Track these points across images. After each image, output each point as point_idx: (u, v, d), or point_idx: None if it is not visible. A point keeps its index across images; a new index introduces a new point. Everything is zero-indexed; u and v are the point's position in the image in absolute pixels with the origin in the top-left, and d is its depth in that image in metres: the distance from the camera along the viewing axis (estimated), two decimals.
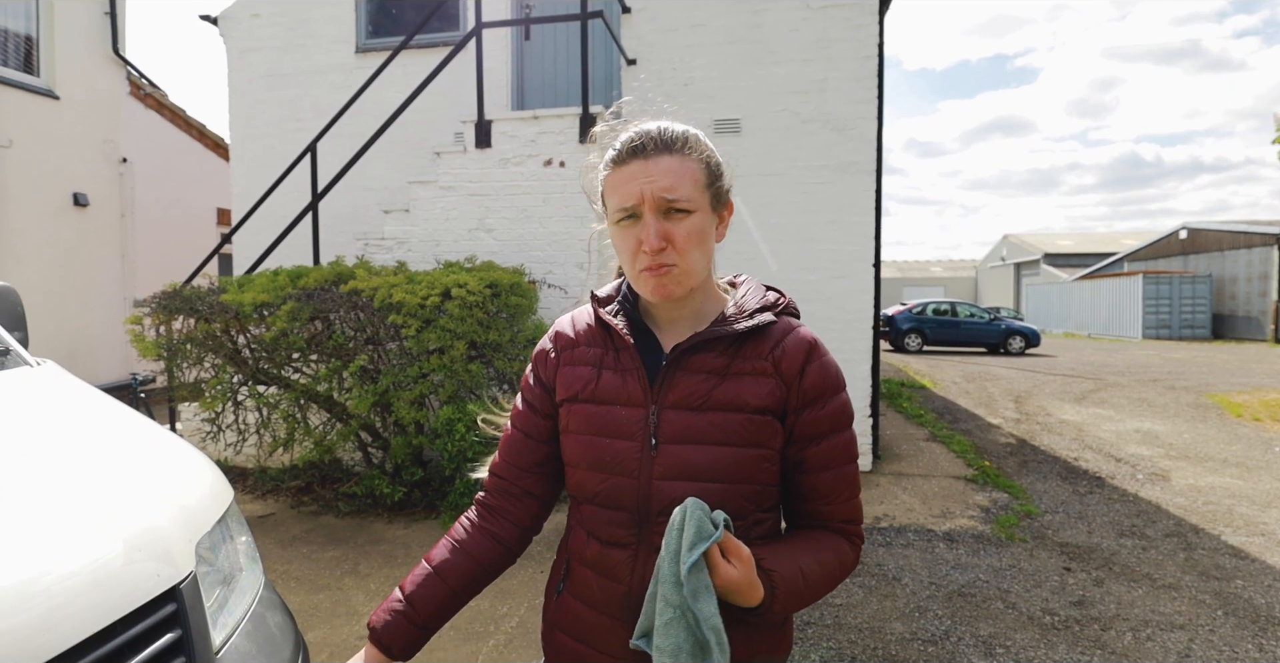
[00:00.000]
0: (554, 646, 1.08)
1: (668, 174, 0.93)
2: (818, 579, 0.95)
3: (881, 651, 2.84)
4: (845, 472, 1.00)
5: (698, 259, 0.96)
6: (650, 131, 0.96)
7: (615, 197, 0.97)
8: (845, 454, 1.00)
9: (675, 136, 0.96)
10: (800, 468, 0.99)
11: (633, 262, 0.96)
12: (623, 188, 0.95)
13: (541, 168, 4.97)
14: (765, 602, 0.90)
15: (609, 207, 0.99)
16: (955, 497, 4.97)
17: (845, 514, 1.02)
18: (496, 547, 1.07)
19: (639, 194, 0.93)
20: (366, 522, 4.24)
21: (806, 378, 0.97)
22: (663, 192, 0.93)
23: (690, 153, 0.96)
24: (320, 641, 2.84)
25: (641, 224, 0.94)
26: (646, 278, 0.96)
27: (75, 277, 7.47)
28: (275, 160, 6.36)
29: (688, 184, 0.94)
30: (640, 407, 0.98)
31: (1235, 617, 3.16)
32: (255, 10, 6.74)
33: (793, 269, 5.67)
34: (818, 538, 1.00)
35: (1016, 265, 39.02)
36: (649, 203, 0.93)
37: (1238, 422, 7.96)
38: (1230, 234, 23.24)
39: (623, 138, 0.98)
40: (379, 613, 1.03)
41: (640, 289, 0.99)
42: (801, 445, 0.98)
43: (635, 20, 5.92)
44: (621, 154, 0.96)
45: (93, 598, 1.09)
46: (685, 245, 0.94)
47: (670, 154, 0.95)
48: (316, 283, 4.26)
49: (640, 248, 0.94)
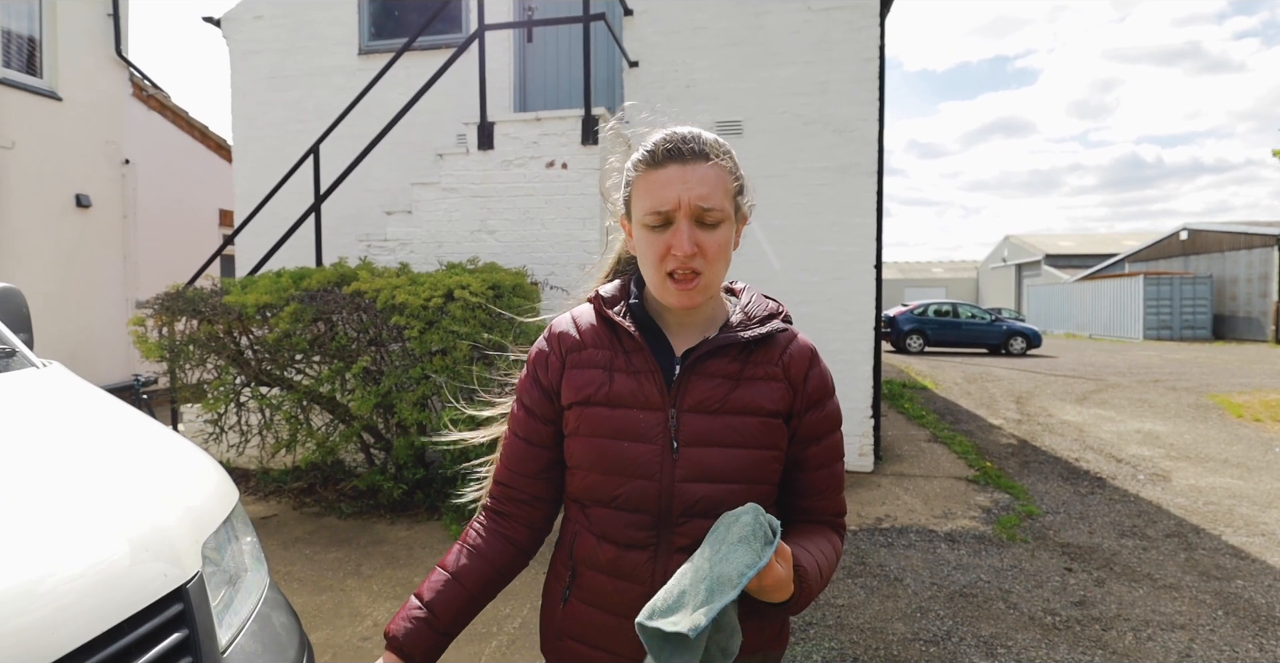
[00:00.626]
0: (561, 654, 1.07)
1: (704, 182, 0.94)
2: (827, 572, 0.98)
3: (883, 651, 2.84)
4: (836, 469, 1.07)
5: (721, 270, 0.98)
6: (687, 137, 0.96)
7: (648, 199, 0.96)
8: (838, 452, 1.07)
9: (710, 144, 0.97)
10: (801, 466, 1.03)
11: (658, 266, 0.96)
12: (658, 192, 0.94)
13: (544, 169, 4.98)
14: (793, 597, 0.91)
15: (637, 209, 0.98)
16: (957, 497, 4.97)
17: (836, 508, 1.08)
18: (510, 549, 1.08)
19: (675, 200, 0.93)
20: (369, 523, 4.25)
21: (810, 382, 1.03)
22: (699, 199, 0.93)
23: (723, 162, 0.97)
24: (323, 642, 2.85)
25: (674, 230, 0.94)
26: (671, 287, 0.96)
27: (77, 278, 7.48)
28: (278, 162, 6.37)
29: (720, 193, 0.95)
30: (659, 410, 0.99)
31: (1236, 617, 3.16)
32: (258, 12, 6.76)
33: (795, 270, 5.68)
34: (818, 532, 1.04)
35: (1018, 266, 39.00)
36: (685, 210, 0.93)
37: (1238, 422, 7.96)
38: (1231, 235, 23.22)
39: (656, 140, 0.97)
40: (398, 622, 1.01)
41: (663, 297, 0.99)
42: (804, 445, 1.03)
43: (637, 22, 5.93)
44: (658, 156, 0.96)
45: (99, 598, 1.09)
46: (714, 256, 0.95)
47: (707, 162, 0.95)
48: (319, 284, 4.27)
49: (669, 252, 0.94)
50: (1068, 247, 37.15)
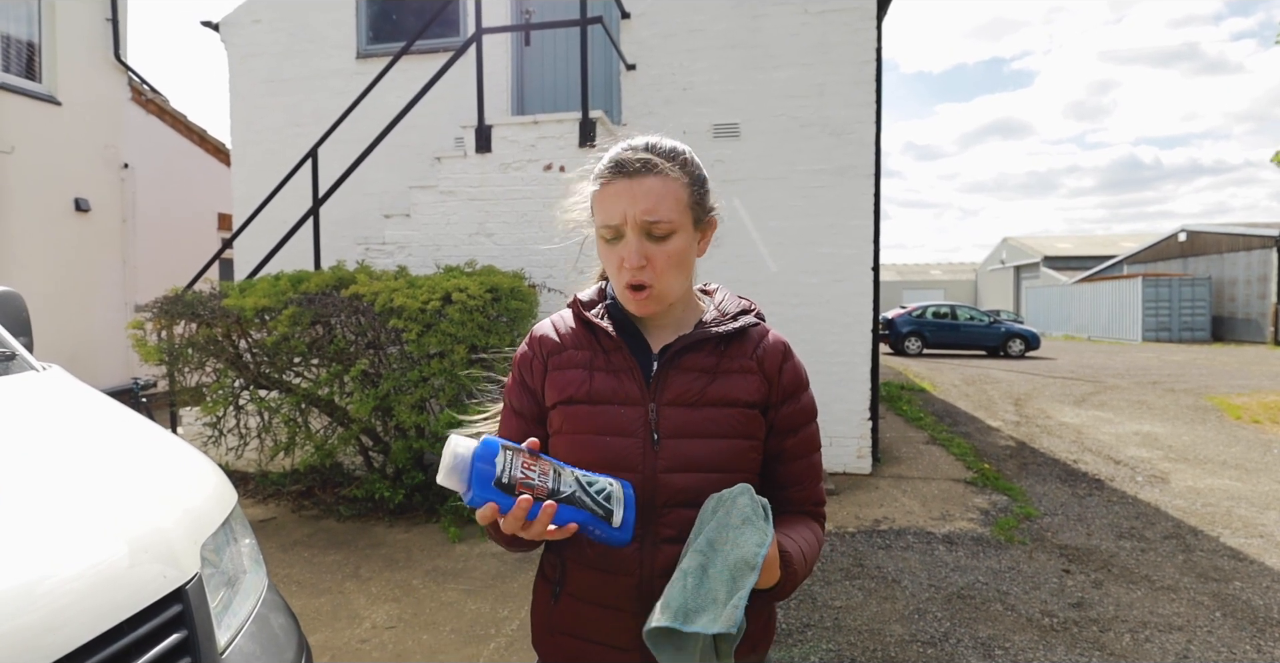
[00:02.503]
0: (552, 648, 1.08)
1: (649, 195, 0.97)
2: (811, 558, 1.00)
3: (881, 653, 2.84)
4: (814, 459, 1.09)
5: (674, 279, 1.01)
6: (637, 148, 1.00)
7: (600, 213, 1.01)
8: (814, 443, 1.10)
9: (661, 155, 0.99)
10: (780, 457, 1.07)
11: (616, 276, 1.02)
12: (607, 206, 0.99)
13: (541, 172, 4.99)
14: (780, 582, 0.92)
15: (596, 221, 1.03)
16: (955, 499, 4.97)
17: (816, 497, 1.10)
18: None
19: (622, 215, 0.98)
20: (368, 526, 4.25)
21: (784, 375, 1.07)
22: (644, 214, 0.97)
23: (674, 172, 0.99)
24: (322, 644, 2.85)
25: (624, 243, 0.98)
26: (629, 296, 1.01)
27: (77, 281, 7.48)
28: (276, 165, 6.39)
29: (669, 205, 0.98)
30: (639, 405, 1.02)
31: (1233, 618, 3.16)
32: (256, 16, 6.77)
33: (793, 272, 5.69)
34: (800, 521, 1.07)
35: (1016, 268, 39.05)
36: (631, 224, 0.97)
37: (1237, 424, 7.97)
38: (1229, 236, 23.26)
39: (610, 155, 1.02)
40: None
41: (624, 303, 1.04)
42: (781, 437, 1.06)
43: (635, 25, 5.94)
44: (609, 171, 1.00)
45: (98, 599, 1.10)
46: (664, 267, 0.99)
47: (654, 174, 0.98)
48: (318, 287, 4.28)
49: (623, 264, 0.99)
50: (1066, 248, 37.20)
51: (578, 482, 0.88)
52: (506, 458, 0.85)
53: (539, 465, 0.87)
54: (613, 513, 0.88)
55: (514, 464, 0.85)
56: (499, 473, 0.83)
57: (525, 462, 0.86)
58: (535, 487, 0.85)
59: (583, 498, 0.87)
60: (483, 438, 0.86)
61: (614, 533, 0.89)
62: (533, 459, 0.87)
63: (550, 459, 0.89)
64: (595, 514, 0.87)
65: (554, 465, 0.88)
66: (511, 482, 0.84)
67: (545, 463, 0.88)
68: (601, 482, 0.90)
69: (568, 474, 0.88)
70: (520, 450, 0.87)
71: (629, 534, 0.90)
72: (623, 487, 0.92)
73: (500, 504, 0.83)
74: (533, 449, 0.88)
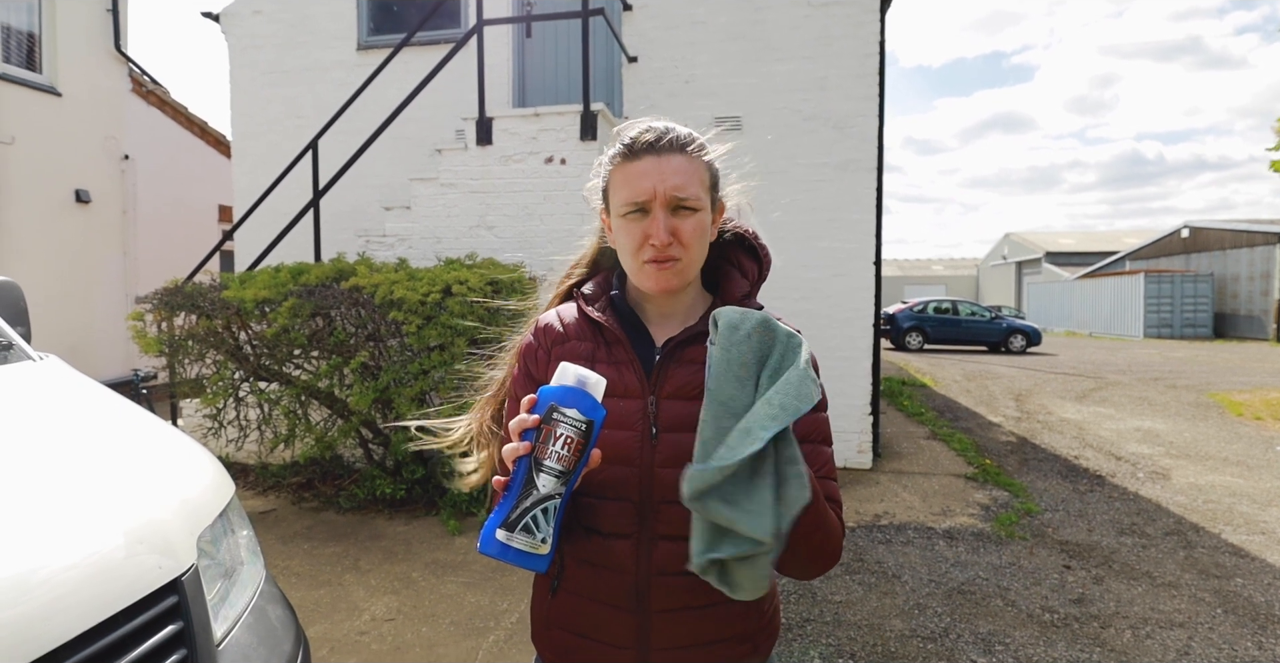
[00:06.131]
0: (549, 643, 1.08)
1: (679, 172, 0.97)
2: (832, 528, 0.92)
3: (881, 648, 2.84)
4: (824, 450, 1.00)
5: (699, 255, 1.02)
6: (661, 129, 1.00)
7: (624, 190, 0.99)
8: (823, 432, 1.01)
9: (685, 136, 1.01)
10: None
11: (636, 254, 1.00)
12: (635, 183, 0.98)
13: (543, 165, 4.97)
14: (813, 504, 0.84)
15: (614, 200, 1.02)
16: (955, 495, 4.97)
17: (829, 492, 0.98)
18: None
19: (651, 190, 0.97)
20: (367, 518, 4.25)
21: None
22: (674, 189, 0.97)
23: (698, 154, 1.01)
24: (321, 636, 2.85)
25: (650, 219, 0.97)
26: (650, 271, 0.99)
27: (77, 273, 7.48)
28: (277, 157, 6.36)
29: (695, 184, 0.99)
30: (638, 398, 1.01)
31: (1235, 615, 3.16)
32: (257, 7, 6.74)
33: (794, 267, 5.67)
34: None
35: (1018, 264, 38.99)
36: (660, 199, 0.97)
37: (1238, 420, 7.96)
38: (1232, 233, 23.20)
39: (632, 133, 1.01)
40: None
41: (641, 282, 1.02)
42: None
43: (637, 17, 5.91)
44: (634, 149, 0.99)
45: (94, 590, 1.09)
46: (690, 240, 0.98)
47: (682, 153, 0.99)
48: (318, 279, 4.26)
49: (646, 241, 0.97)
50: (1068, 244, 37.13)
51: (557, 493, 0.85)
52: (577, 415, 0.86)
53: (571, 455, 0.86)
54: (535, 534, 0.85)
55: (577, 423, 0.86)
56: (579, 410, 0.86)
57: (570, 439, 0.85)
58: (552, 451, 0.85)
59: (539, 497, 0.85)
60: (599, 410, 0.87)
61: (510, 535, 0.85)
62: (573, 452, 0.86)
63: (574, 472, 0.87)
64: (525, 508, 0.85)
65: (572, 469, 0.86)
66: (572, 421, 0.86)
67: (570, 459, 0.86)
68: (555, 521, 0.86)
69: (559, 484, 0.85)
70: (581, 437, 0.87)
71: (534, 563, 0.86)
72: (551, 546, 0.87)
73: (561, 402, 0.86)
74: (578, 449, 0.87)
